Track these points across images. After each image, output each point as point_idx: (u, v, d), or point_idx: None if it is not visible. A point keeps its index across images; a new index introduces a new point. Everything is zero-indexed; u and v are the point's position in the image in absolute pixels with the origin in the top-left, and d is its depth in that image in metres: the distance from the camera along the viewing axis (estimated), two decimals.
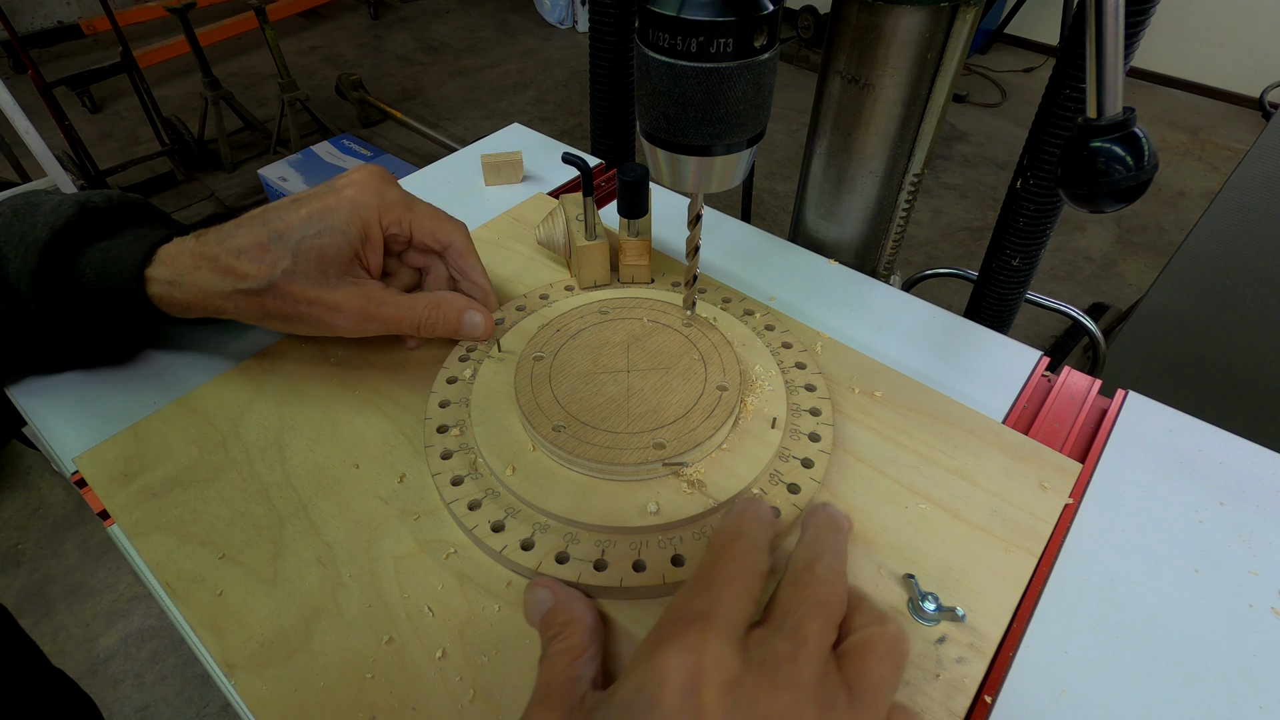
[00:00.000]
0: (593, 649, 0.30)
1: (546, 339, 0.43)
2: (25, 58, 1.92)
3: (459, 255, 0.46)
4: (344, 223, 0.41)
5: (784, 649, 0.25)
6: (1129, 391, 0.45)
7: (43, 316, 0.40)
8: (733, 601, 0.26)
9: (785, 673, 0.24)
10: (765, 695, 0.23)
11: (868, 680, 0.25)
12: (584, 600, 0.32)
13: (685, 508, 0.35)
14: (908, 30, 0.48)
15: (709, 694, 0.23)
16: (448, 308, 0.43)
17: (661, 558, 0.34)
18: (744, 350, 0.44)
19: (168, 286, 0.40)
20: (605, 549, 0.35)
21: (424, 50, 3.38)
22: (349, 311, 0.41)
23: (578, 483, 0.37)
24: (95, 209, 0.41)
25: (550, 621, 0.31)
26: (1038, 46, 3.12)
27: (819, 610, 0.26)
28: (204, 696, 1.25)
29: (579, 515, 0.35)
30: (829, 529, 0.31)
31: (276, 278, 0.39)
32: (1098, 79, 0.35)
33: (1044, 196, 0.55)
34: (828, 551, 0.29)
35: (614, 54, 0.66)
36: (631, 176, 0.45)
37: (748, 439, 0.39)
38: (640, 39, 0.32)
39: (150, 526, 0.38)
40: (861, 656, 0.26)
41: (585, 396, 0.40)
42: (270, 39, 2.33)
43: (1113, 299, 1.93)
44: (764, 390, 0.41)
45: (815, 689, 0.24)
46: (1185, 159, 2.50)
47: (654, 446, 0.37)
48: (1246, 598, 0.35)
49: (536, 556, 0.34)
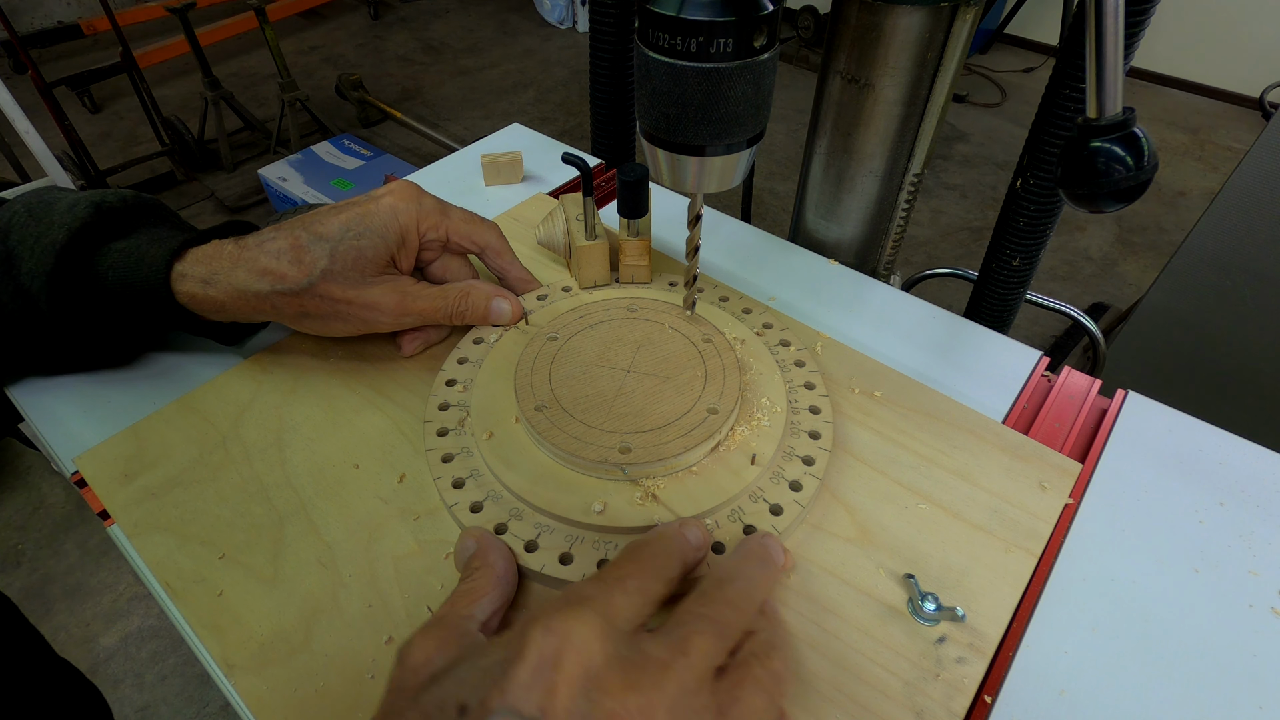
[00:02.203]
0: (493, 594, 0.31)
1: (568, 322, 0.44)
2: (25, 58, 1.92)
3: (496, 255, 0.48)
4: (382, 226, 0.42)
5: (660, 655, 0.24)
6: (1129, 391, 0.45)
7: (53, 318, 0.40)
8: (624, 595, 0.26)
9: (650, 677, 0.24)
10: (618, 693, 0.23)
11: (740, 708, 0.25)
12: (501, 548, 0.33)
13: (631, 516, 0.35)
14: (908, 30, 0.48)
15: (560, 677, 0.22)
16: (477, 295, 0.45)
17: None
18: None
19: (202, 285, 0.40)
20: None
21: (424, 50, 3.38)
22: (386, 307, 0.42)
23: (543, 465, 0.37)
24: (111, 209, 0.42)
25: (467, 565, 0.32)
26: (1038, 46, 3.12)
27: (712, 629, 0.26)
28: (204, 696, 1.25)
29: (529, 495, 0.36)
30: (754, 558, 0.32)
31: (315, 279, 0.40)
32: (1098, 79, 0.35)
33: (1044, 196, 0.55)
34: (743, 577, 0.30)
35: (614, 54, 0.66)
36: (631, 176, 0.45)
37: (721, 468, 0.37)
38: (640, 39, 0.32)
39: (150, 526, 0.38)
40: (737, 683, 0.26)
41: (578, 385, 0.40)
42: (270, 39, 2.33)
43: (1113, 299, 1.93)
44: (760, 424, 0.39)
45: (677, 701, 0.24)
46: (1185, 159, 2.50)
47: (619, 450, 0.37)
48: (1246, 598, 0.35)
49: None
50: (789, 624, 0.33)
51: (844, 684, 0.31)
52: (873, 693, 0.31)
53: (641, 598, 0.27)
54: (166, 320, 0.42)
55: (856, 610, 0.34)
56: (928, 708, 0.30)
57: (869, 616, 0.33)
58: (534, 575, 0.34)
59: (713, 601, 0.28)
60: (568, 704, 0.22)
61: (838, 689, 0.31)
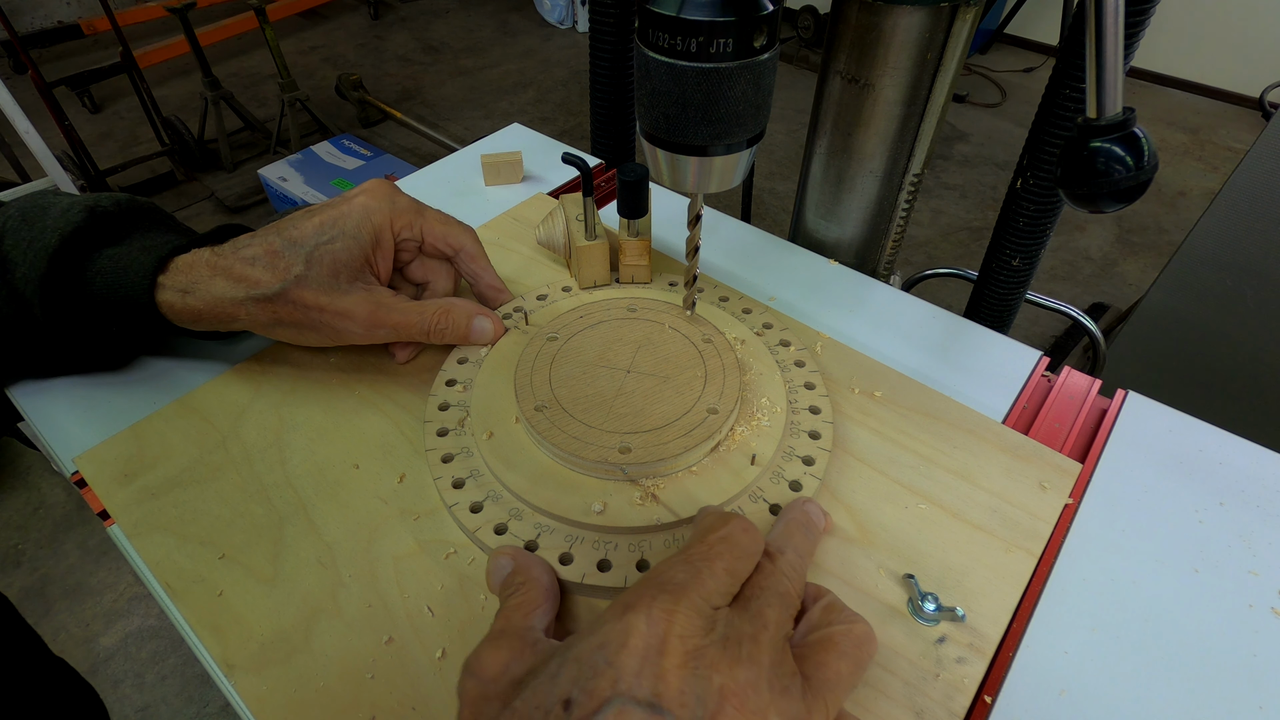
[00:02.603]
0: (546, 605, 0.31)
1: (568, 322, 0.44)
2: (25, 58, 1.92)
3: (470, 259, 0.47)
4: (355, 227, 0.42)
5: (747, 629, 0.26)
6: (1129, 391, 0.45)
7: (47, 323, 0.39)
8: (713, 577, 0.27)
9: (747, 650, 0.25)
10: (725, 669, 0.24)
11: (825, 673, 0.26)
12: (542, 564, 0.33)
13: (631, 516, 0.35)
14: (908, 30, 0.48)
15: (670, 661, 0.23)
16: (457, 313, 0.44)
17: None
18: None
19: (180, 295, 0.40)
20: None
21: (424, 50, 3.38)
22: (359, 317, 0.41)
23: (543, 465, 0.37)
24: (104, 213, 0.41)
25: (509, 582, 0.32)
26: (1038, 46, 3.12)
27: (779, 599, 0.28)
28: (204, 696, 1.25)
29: (529, 495, 0.36)
30: (799, 526, 0.33)
31: (289, 284, 0.40)
32: (1098, 79, 0.35)
33: (1044, 196, 0.55)
34: (791, 548, 0.31)
35: (614, 54, 0.66)
36: (631, 176, 0.45)
37: (721, 469, 0.37)
38: (640, 39, 0.32)
39: (150, 526, 0.38)
40: (824, 650, 0.27)
41: (578, 385, 0.40)
42: (270, 39, 2.33)
43: (1113, 299, 1.93)
44: (760, 424, 0.39)
45: (771, 671, 0.25)
46: (1185, 159, 2.50)
47: (619, 450, 0.37)
48: (1246, 598, 0.35)
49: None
50: None
51: None
52: (873, 693, 0.31)
53: (729, 580, 0.28)
54: (150, 329, 0.41)
55: (856, 610, 0.34)
56: (928, 708, 0.30)
57: (869, 616, 0.33)
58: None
59: (771, 575, 0.29)
60: (680, 685, 0.23)
61: None
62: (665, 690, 0.23)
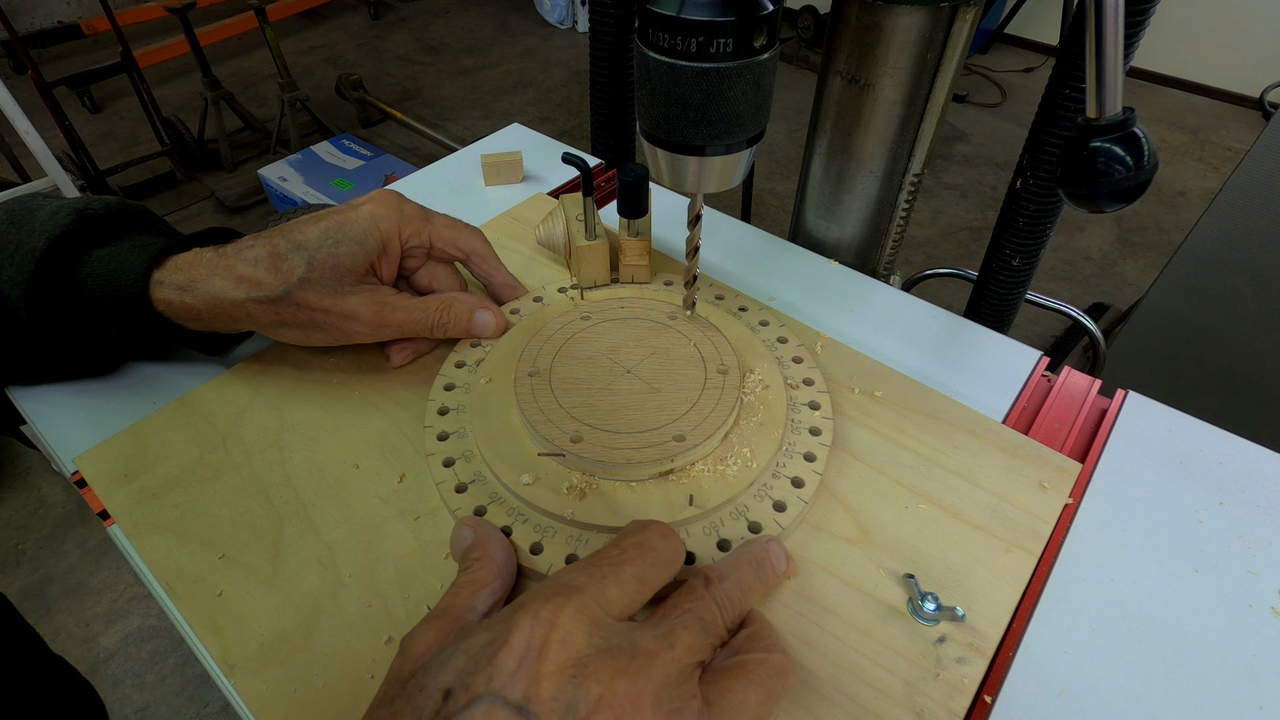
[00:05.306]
0: (495, 584, 0.31)
1: (607, 309, 0.45)
2: (25, 58, 1.92)
3: (481, 260, 0.47)
4: (361, 233, 0.42)
5: (647, 645, 0.25)
6: (1129, 391, 0.45)
7: (33, 327, 0.39)
8: (618, 583, 0.26)
9: (637, 664, 0.24)
10: (606, 679, 0.23)
11: (729, 700, 0.25)
12: (500, 540, 0.33)
13: (549, 501, 0.36)
14: (908, 30, 0.48)
15: (548, 665, 0.23)
16: (459, 308, 0.44)
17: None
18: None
19: (178, 292, 0.39)
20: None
21: (424, 50, 3.38)
22: (364, 317, 0.41)
23: (527, 452, 0.38)
24: (93, 216, 0.41)
25: (466, 555, 0.32)
26: (1038, 46, 3.12)
27: (698, 624, 0.27)
28: (204, 696, 1.25)
29: (518, 488, 0.36)
30: (749, 561, 0.32)
31: (292, 286, 0.39)
32: (1098, 79, 0.35)
33: (1044, 196, 0.55)
34: (732, 579, 0.30)
35: (614, 54, 0.66)
36: (631, 176, 0.45)
37: (656, 495, 0.37)
38: (640, 39, 0.32)
39: (150, 526, 0.38)
40: (733, 676, 0.26)
41: (575, 366, 0.41)
42: (270, 39, 2.33)
43: (1113, 299, 1.93)
44: (723, 473, 0.37)
45: (661, 690, 0.24)
46: (1185, 159, 2.50)
47: (571, 437, 0.37)
48: (1246, 598, 0.35)
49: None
50: (788, 624, 0.33)
51: (844, 684, 0.31)
52: (873, 693, 0.31)
53: (637, 587, 0.27)
54: (146, 329, 0.41)
55: (856, 610, 0.34)
56: (928, 708, 0.30)
57: (869, 616, 0.33)
58: (534, 576, 0.34)
59: (700, 599, 0.28)
60: (553, 690, 0.23)
61: (837, 689, 0.31)
62: (536, 694, 0.22)
